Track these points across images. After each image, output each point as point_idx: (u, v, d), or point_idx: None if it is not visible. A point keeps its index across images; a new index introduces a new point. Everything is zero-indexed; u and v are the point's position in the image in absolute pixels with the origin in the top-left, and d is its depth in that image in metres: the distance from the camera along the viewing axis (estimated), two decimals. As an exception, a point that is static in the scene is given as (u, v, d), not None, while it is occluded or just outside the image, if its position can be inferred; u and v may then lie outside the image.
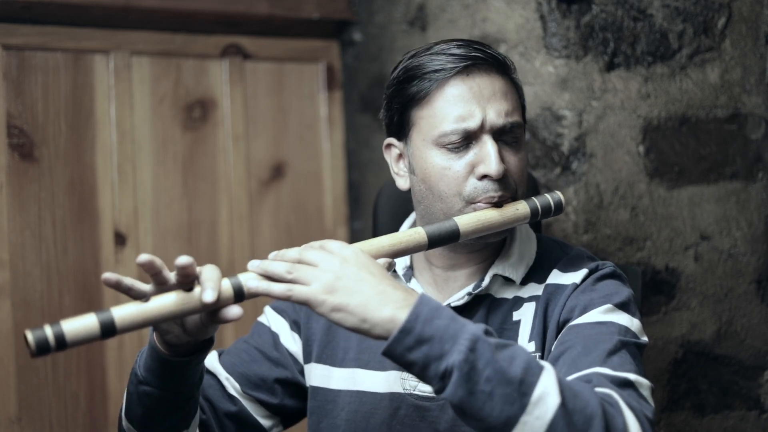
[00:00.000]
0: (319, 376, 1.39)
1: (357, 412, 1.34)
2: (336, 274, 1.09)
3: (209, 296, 1.08)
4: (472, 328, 1.05)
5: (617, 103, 1.89)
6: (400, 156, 1.37)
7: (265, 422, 1.42)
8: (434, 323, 1.05)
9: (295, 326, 1.44)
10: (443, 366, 1.03)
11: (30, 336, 1.02)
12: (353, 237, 2.43)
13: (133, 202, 2.15)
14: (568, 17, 1.87)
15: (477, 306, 1.33)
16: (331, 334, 1.40)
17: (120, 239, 2.12)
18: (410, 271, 1.40)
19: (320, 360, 1.40)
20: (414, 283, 1.38)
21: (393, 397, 1.32)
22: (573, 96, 1.87)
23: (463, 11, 2.06)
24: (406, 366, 1.06)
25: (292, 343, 1.43)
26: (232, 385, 1.40)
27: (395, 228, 1.51)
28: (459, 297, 1.33)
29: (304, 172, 2.39)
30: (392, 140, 1.38)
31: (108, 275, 1.08)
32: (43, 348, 1.02)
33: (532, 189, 1.62)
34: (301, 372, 1.43)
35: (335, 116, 2.44)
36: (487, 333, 1.06)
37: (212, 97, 2.27)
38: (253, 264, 1.14)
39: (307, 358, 1.42)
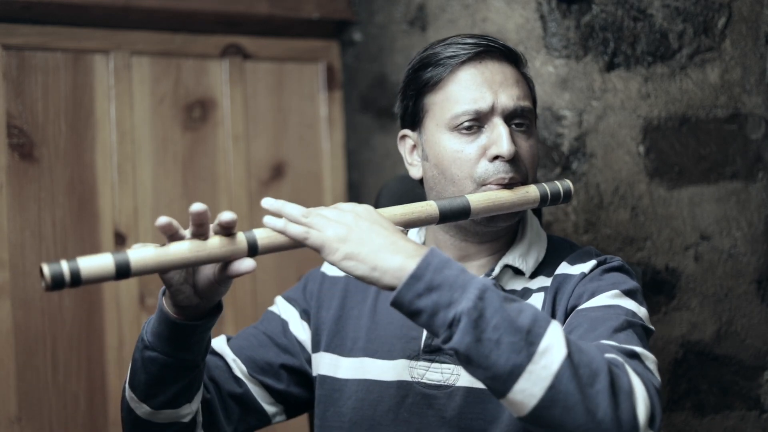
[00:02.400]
0: (327, 365, 1.40)
1: (364, 400, 1.35)
2: (349, 225, 1.12)
3: (226, 216, 1.12)
4: (482, 279, 1.07)
5: (617, 103, 1.89)
6: (414, 147, 1.40)
7: (269, 408, 1.43)
8: (444, 272, 1.06)
9: (305, 315, 1.45)
10: (452, 313, 1.04)
11: (46, 269, 1.04)
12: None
13: (133, 202, 2.15)
14: (568, 17, 1.87)
15: None
16: (340, 324, 1.42)
17: (120, 239, 2.12)
18: None
19: (329, 349, 1.41)
20: None
21: (401, 385, 1.33)
22: (573, 96, 1.87)
23: (463, 11, 2.06)
24: (414, 314, 1.07)
25: (302, 331, 1.44)
26: (238, 367, 1.41)
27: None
28: None
29: (304, 172, 2.39)
30: (406, 131, 1.41)
31: (162, 221, 1.12)
32: (58, 282, 1.04)
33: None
34: (309, 361, 1.44)
35: (335, 116, 2.44)
36: (496, 287, 1.08)
37: (212, 97, 2.27)
38: (268, 202, 1.17)
39: (316, 347, 1.43)
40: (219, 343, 1.43)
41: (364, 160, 2.41)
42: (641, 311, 1.25)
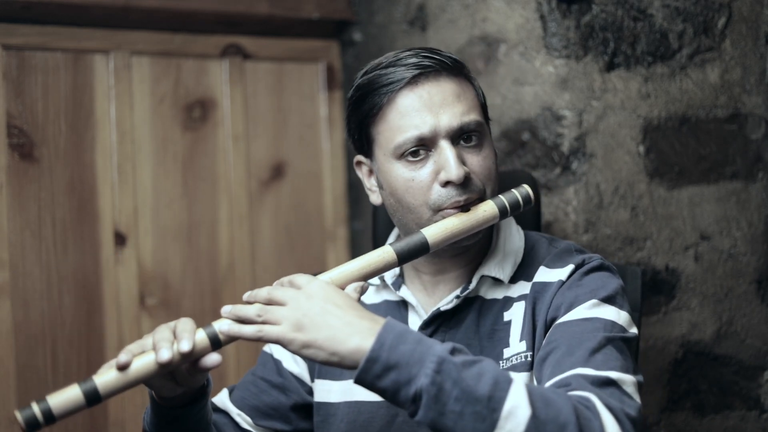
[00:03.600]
0: (321, 391, 1.41)
1: (355, 422, 1.35)
2: (303, 311, 1.12)
3: (184, 346, 1.12)
4: (438, 349, 1.06)
5: (617, 103, 1.89)
6: (371, 172, 1.38)
7: None
8: (399, 349, 1.06)
9: None
10: (412, 390, 1.04)
11: (19, 415, 1.08)
12: (353, 237, 2.44)
13: (133, 202, 2.15)
14: (568, 17, 1.87)
15: (468, 308, 1.33)
16: None
17: (120, 239, 2.12)
18: (400, 279, 1.40)
19: (320, 375, 1.41)
20: (404, 291, 1.38)
21: (390, 404, 1.32)
22: (573, 96, 1.87)
23: (463, 11, 2.06)
24: (379, 393, 1.07)
25: (295, 365, 1.44)
26: (244, 420, 1.42)
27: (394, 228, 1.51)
28: (447, 301, 1.33)
29: (304, 172, 2.39)
30: (361, 157, 1.39)
31: (123, 359, 1.13)
32: (32, 424, 1.08)
33: (532, 189, 1.62)
34: (310, 392, 1.44)
35: (335, 116, 2.44)
36: (454, 351, 1.07)
37: (212, 97, 2.27)
38: (225, 310, 1.18)
39: (312, 376, 1.43)
40: (222, 399, 1.45)
41: (364, 160, 2.41)
42: (621, 317, 1.24)
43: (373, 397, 1.34)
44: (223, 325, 1.16)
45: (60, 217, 2.06)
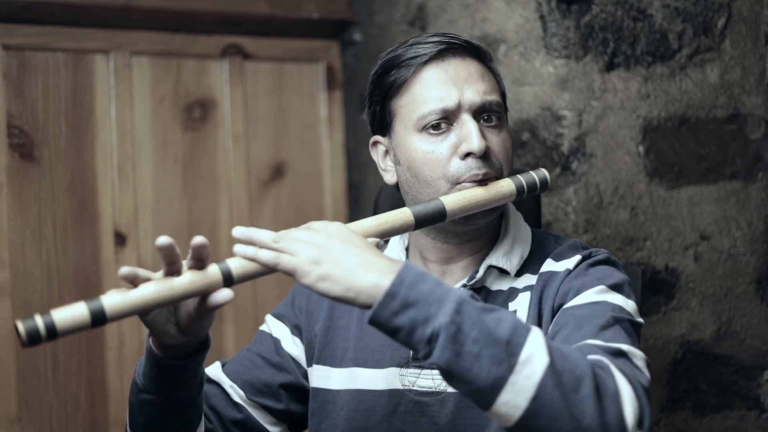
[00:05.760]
0: (319, 377, 1.39)
1: (356, 410, 1.34)
2: (321, 246, 1.10)
3: (198, 239, 1.10)
4: (458, 291, 1.05)
5: (617, 103, 1.89)
6: (386, 152, 1.39)
7: (273, 429, 1.42)
8: (419, 287, 1.04)
9: (297, 330, 1.44)
10: (429, 329, 1.02)
11: (21, 326, 1.03)
12: (353, 237, 2.44)
13: (133, 202, 2.15)
14: (568, 17, 1.87)
15: None
16: (330, 335, 1.40)
17: (120, 239, 2.12)
18: None
19: (320, 361, 1.40)
20: None
21: (392, 393, 1.32)
22: (573, 96, 1.87)
23: (463, 11, 2.06)
24: (392, 332, 1.05)
25: (294, 347, 1.43)
26: (236, 393, 1.40)
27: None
28: None
29: (304, 172, 2.39)
30: (377, 137, 1.40)
31: (125, 270, 1.09)
32: (34, 337, 1.03)
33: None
34: (305, 376, 1.42)
35: (335, 116, 2.44)
36: (473, 297, 1.06)
37: (212, 97, 2.27)
38: (238, 231, 1.14)
39: (310, 361, 1.42)
40: (215, 371, 1.42)
41: (364, 160, 2.41)
42: (629, 304, 1.24)
43: (375, 386, 1.34)
44: (240, 249, 1.11)
45: (60, 217, 2.06)
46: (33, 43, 2.05)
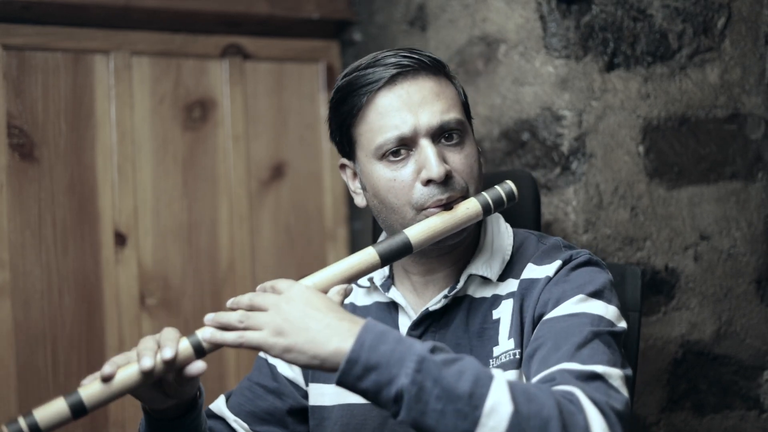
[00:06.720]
0: (315, 395, 1.40)
1: (348, 424, 1.34)
2: (283, 315, 1.11)
3: (167, 353, 1.12)
4: (418, 348, 1.05)
5: (617, 103, 1.89)
6: (354, 174, 1.38)
7: None
8: (379, 349, 1.05)
9: None
10: (393, 390, 1.03)
11: (6, 430, 1.09)
12: (353, 237, 2.44)
13: (133, 202, 2.15)
14: (568, 17, 1.87)
15: (457, 308, 1.33)
16: None
17: (120, 239, 2.12)
18: (389, 281, 1.40)
19: (314, 379, 1.41)
20: (393, 292, 1.38)
21: None
22: (573, 96, 1.87)
23: (463, 11, 2.06)
24: (361, 394, 1.07)
25: (290, 370, 1.44)
26: (240, 426, 1.41)
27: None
28: (436, 301, 1.33)
29: (304, 172, 2.39)
30: (344, 160, 1.39)
31: (107, 370, 1.15)
32: None
33: (532, 189, 1.62)
34: (306, 396, 1.43)
35: (335, 116, 2.44)
36: (434, 350, 1.06)
37: (212, 97, 2.27)
38: (208, 317, 1.17)
39: (307, 380, 1.43)
40: (218, 405, 1.45)
41: (364, 160, 2.41)
42: (609, 311, 1.23)
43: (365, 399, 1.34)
44: (206, 333, 1.15)
45: (60, 217, 2.06)
46: (33, 43, 2.05)
